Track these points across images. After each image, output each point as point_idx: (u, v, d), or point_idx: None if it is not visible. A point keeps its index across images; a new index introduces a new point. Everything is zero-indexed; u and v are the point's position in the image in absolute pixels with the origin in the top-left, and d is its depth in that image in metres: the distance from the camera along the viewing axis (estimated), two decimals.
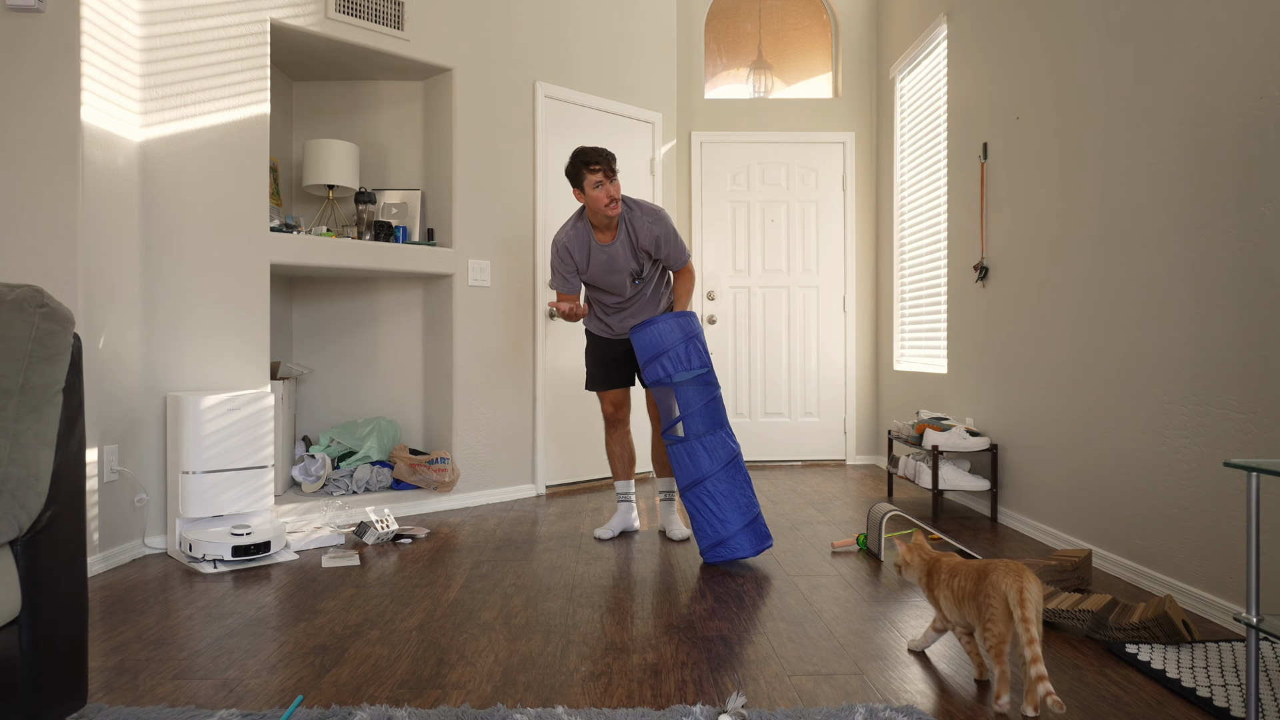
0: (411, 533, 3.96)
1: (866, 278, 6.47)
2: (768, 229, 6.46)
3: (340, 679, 2.25)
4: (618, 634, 2.62)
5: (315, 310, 4.93)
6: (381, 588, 3.13)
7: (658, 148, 5.86)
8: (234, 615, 2.80)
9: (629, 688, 2.19)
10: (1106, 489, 3.43)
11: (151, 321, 3.68)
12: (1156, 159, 3.11)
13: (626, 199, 3.71)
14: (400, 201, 4.88)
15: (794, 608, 2.89)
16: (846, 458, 6.48)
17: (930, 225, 5.44)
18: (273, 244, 4.02)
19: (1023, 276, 4.12)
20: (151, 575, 3.30)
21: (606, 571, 3.36)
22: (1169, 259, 3.03)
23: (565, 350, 5.33)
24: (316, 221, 4.81)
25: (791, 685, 2.22)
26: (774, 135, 6.45)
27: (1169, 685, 2.19)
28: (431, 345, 4.92)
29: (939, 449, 4.35)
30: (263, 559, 3.48)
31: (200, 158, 3.79)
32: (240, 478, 3.66)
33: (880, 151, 6.36)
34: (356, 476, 4.46)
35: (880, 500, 4.92)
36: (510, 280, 5.01)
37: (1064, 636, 2.60)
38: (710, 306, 6.44)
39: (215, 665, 2.35)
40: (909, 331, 5.89)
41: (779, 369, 6.45)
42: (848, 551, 3.70)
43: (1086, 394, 3.57)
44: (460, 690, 2.17)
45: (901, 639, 2.58)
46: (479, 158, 4.85)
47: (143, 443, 3.65)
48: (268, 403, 3.74)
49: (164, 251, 3.71)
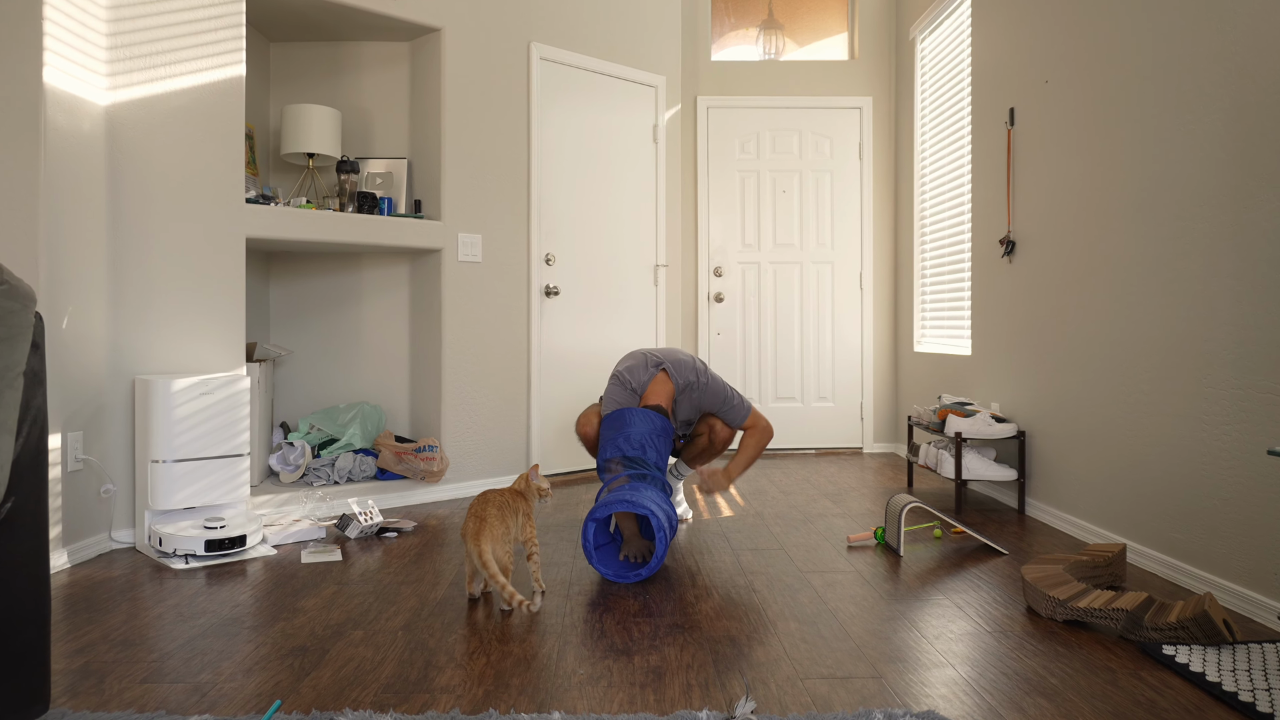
0: (397, 526, 3.95)
1: (885, 253, 6.45)
2: (779, 200, 6.44)
3: (321, 682, 2.24)
4: (618, 634, 2.61)
5: (294, 288, 4.92)
6: (365, 585, 3.13)
7: (661, 113, 5.83)
8: (207, 614, 2.79)
9: (630, 692, 2.19)
10: (1142, 479, 3.42)
11: (119, 299, 3.66)
12: (1195, 125, 3.08)
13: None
14: (385, 171, 4.86)
15: (807, 606, 2.89)
16: (863, 445, 6.47)
17: (953, 197, 5.41)
18: (248, 216, 3.99)
19: (1052, 251, 4.09)
20: (118, 571, 3.30)
21: None
22: (1209, 232, 3.01)
23: (562, 331, 5.31)
24: (295, 192, 4.78)
25: (804, 689, 2.21)
26: (786, 100, 6.41)
27: (1209, 689, 2.18)
28: (419, 325, 4.91)
29: (962, 436, 4.34)
30: (238, 554, 3.48)
31: (171, 123, 3.76)
32: (214, 467, 3.65)
33: (899, 117, 6.33)
34: (338, 466, 4.46)
35: (899, 491, 4.92)
36: (503, 255, 4.98)
37: (1096, 637, 2.59)
38: (717, 284, 6.43)
39: (187, 668, 2.34)
40: (930, 310, 5.87)
41: (791, 351, 6.43)
42: (864, 546, 3.69)
43: (1121, 377, 3.55)
44: (449, 694, 2.17)
45: (923, 639, 2.57)
46: (470, 124, 4.82)
47: (109, 429, 3.64)
48: (243, 386, 3.73)
49: (132, 224, 3.69)
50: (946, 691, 2.20)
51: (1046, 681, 2.25)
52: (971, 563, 3.42)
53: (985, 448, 4.50)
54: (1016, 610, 2.84)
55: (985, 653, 2.46)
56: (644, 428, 3.50)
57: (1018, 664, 2.38)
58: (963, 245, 5.27)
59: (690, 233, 6.43)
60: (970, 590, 3.06)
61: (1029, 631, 2.64)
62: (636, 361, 3.82)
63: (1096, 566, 3.07)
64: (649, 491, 3.28)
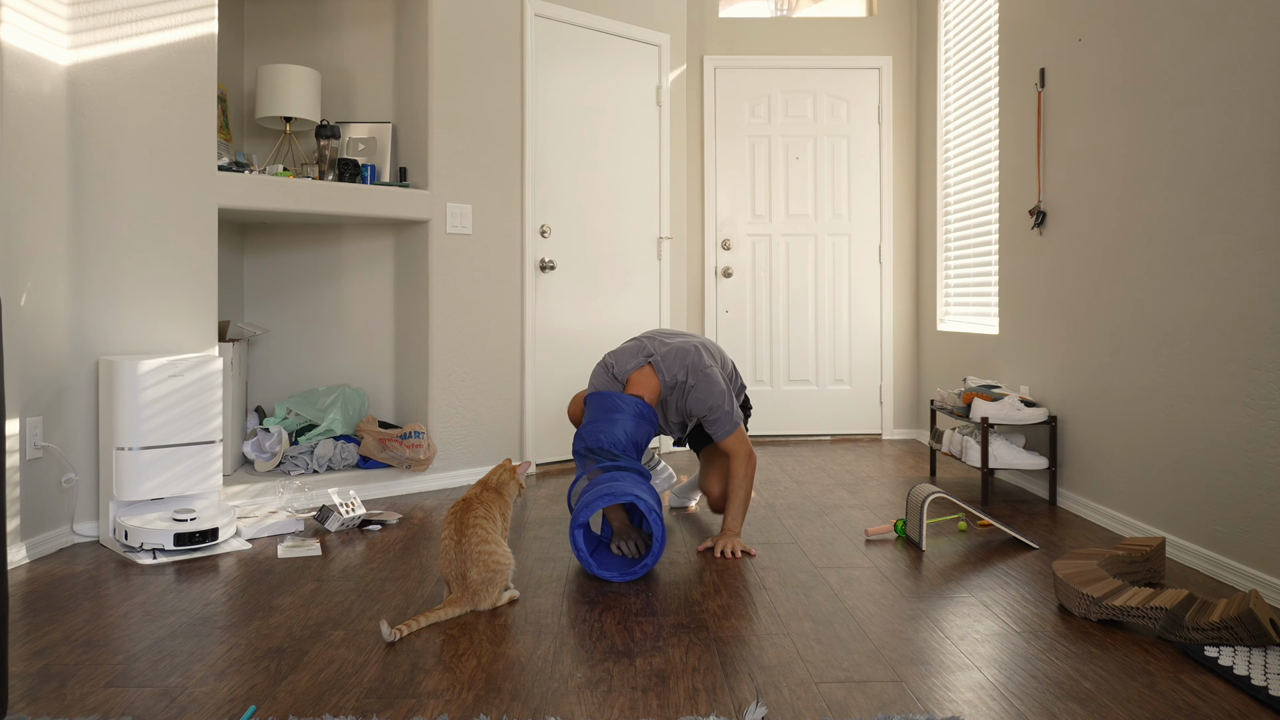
0: (381, 518, 3.95)
1: (906, 224, 6.43)
2: (791, 168, 6.41)
3: (299, 686, 2.24)
4: (618, 634, 2.61)
5: (270, 262, 4.90)
6: (346, 581, 3.12)
7: (665, 74, 5.79)
8: (176, 613, 2.79)
9: (631, 697, 2.18)
10: (1182, 468, 3.40)
11: (81, 275, 3.64)
12: (1241, 87, 3.05)
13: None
14: (368, 136, 4.85)
15: (822, 604, 2.88)
16: (882, 431, 6.47)
17: (979, 163, 5.39)
18: (221, 185, 3.98)
19: (1086, 222, 4.07)
20: (81, 567, 3.29)
21: None
22: (1255, 201, 2.98)
23: (558, 308, 5.29)
24: (271, 159, 4.76)
25: (819, 694, 2.20)
26: (799, 60, 6.38)
27: (1254, 694, 2.17)
28: (404, 302, 4.89)
29: (989, 421, 4.32)
30: (209, 548, 3.47)
31: (137, 85, 3.74)
32: (183, 454, 3.64)
33: (921, 78, 6.30)
34: (317, 453, 4.45)
35: (921, 481, 4.91)
36: (495, 227, 4.96)
37: (1133, 638, 2.58)
38: (725, 258, 6.40)
39: (155, 671, 2.33)
40: (954, 286, 5.86)
41: (805, 329, 6.42)
42: (884, 539, 3.69)
43: (1159, 357, 3.53)
44: (437, 700, 2.16)
45: (946, 640, 2.56)
46: (459, 86, 4.79)
47: (71, 414, 3.62)
48: (215, 368, 3.72)
49: (96, 194, 3.66)
50: (972, 696, 2.19)
51: (1080, 686, 2.24)
52: (999, 558, 3.41)
53: (1014, 434, 4.48)
54: (1047, 609, 2.83)
55: (1014, 655, 2.46)
56: (623, 413, 3.48)
57: (1049, 667, 2.37)
58: (990, 216, 5.25)
59: (696, 203, 6.40)
60: (998, 587, 3.05)
61: (1061, 632, 2.63)
62: (630, 348, 3.75)
63: (1133, 562, 3.06)
64: (627, 479, 3.26)
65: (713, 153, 6.40)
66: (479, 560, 2.75)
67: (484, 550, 2.76)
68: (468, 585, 2.75)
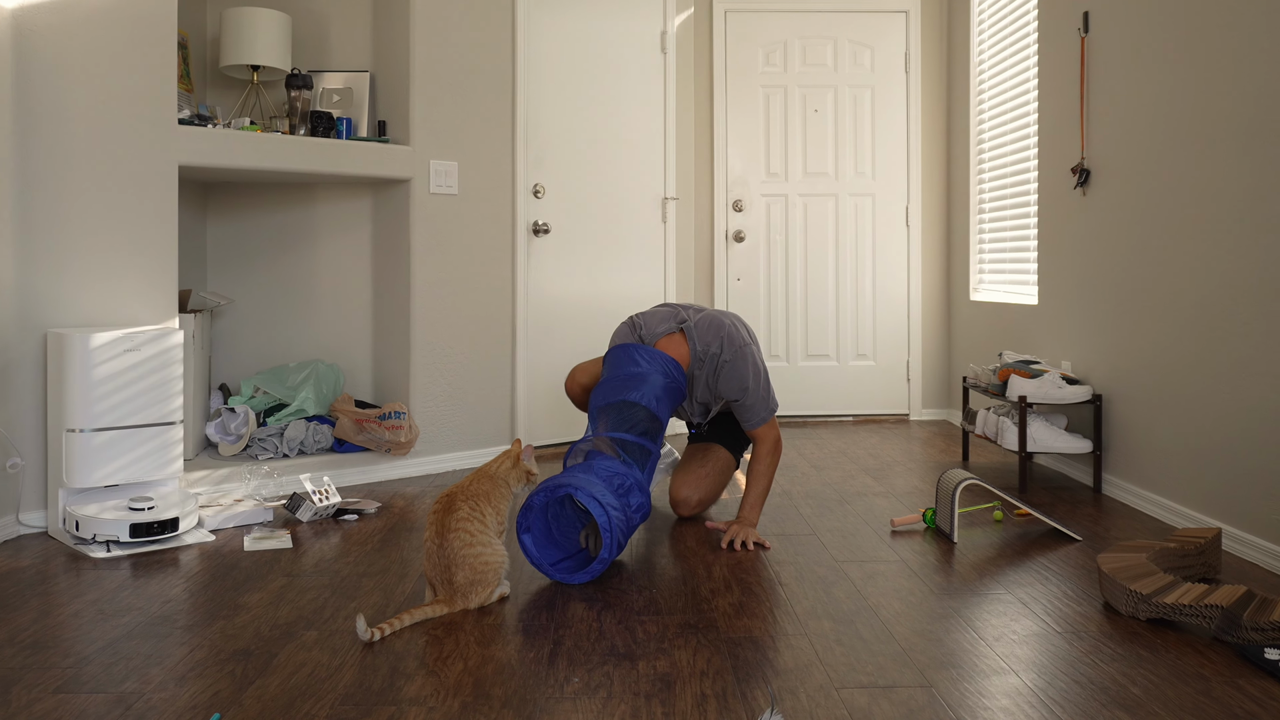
0: (358, 507, 3.96)
1: (935, 183, 6.41)
2: (810, 121, 6.38)
3: (268, 692, 2.24)
4: (619, 635, 2.61)
5: (236, 225, 4.89)
6: (320, 577, 3.13)
7: (670, 18, 5.76)
8: (133, 611, 2.79)
9: (633, 703, 2.18)
10: (1240, 453, 3.40)
11: (27, 240, 3.63)
12: None
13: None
14: (343, 87, 4.84)
15: (843, 602, 2.88)
16: (910, 411, 6.48)
17: (1016, 117, 5.38)
18: (182, 140, 3.96)
19: (1136, 182, 4.05)
20: (27, 560, 3.30)
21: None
22: None
23: (553, 276, 5.28)
24: (237, 112, 4.75)
25: (840, 700, 2.20)
26: (818, 2, 6.34)
27: None
28: (383, 269, 4.88)
29: (1027, 400, 4.32)
30: (169, 540, 3.48)
31: (89, 30, 3.71)
32: (141, 437, 3.64)
33: (953, 23, 6.27)
34: (287, 436, 4.45)
35: (953, 466, 4.92)
36: (483, 186, 4.95)
37: (1186, 638, 2.58)
38: (737, 220, 6.38)
39: (109, 675, 2.33)
40: (989, 251, 5.85)
41: (824, 299, 6.41)
42: (911, 530, 3.70)
43: (1216, 331, 3.51)
44: (419, 707, 2.16)
45: (980, 641, 2.56)
46: (444, 30, 4.77)
47: (16, 393, 3.62)
48: (175, 341, 3.71)
49: (44, 151, 3.64)
50: (1009, 703, 2.19)
51: (1127, 691, 2.24)
52: (1038, 550, 3.41)
53: (1054, 414, 4.48)
54: (1091, 607, 2.83)
55: (1054, 657, 2.46)
56: (653, 371, 3.43)
57: (1093, 670, 2.37)
58: (1028, 174, 5.24)
59: (705, 160, 6.38)
60: (1037, 583, 3.05)
61: (1106, 632, 2.63)
62: (662, 312, 3.67)
63: (1186, 555, 3.05)
64: (604, 467, 3.18)
65: (723, 105, 6.37)
66: (465, 563, 2.75)
67: (469, 554, 2.75)
68: (455, 588, 2.75)
